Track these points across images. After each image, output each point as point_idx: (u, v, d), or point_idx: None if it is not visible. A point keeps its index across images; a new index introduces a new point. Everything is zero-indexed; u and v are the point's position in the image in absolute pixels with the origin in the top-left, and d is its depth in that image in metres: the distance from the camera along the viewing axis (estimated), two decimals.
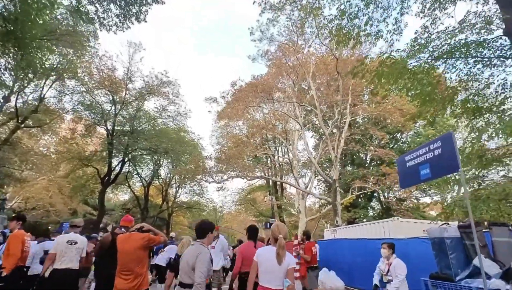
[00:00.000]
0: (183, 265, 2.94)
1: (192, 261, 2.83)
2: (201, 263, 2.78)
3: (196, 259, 2.79)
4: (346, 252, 8.13)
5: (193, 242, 3.07)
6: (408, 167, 3.76)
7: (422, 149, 3.61)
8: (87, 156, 21.07)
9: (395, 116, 23.03)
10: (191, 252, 2.93)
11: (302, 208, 23.60)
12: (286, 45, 21.38)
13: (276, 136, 26.36)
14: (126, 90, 20.79)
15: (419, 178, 3.61)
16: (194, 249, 2.93)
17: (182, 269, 2.93)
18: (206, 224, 3.20)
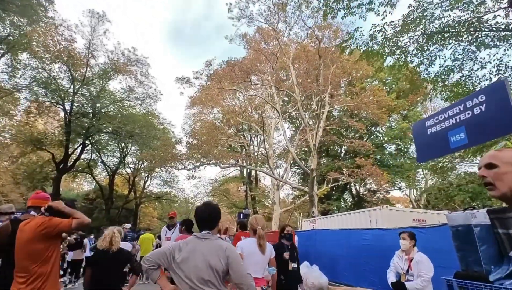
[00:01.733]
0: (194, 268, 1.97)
1: (215, 260, 1.98)
2: (236, 262, 2.04)
3: (227, 258, 2.00)
4: (328, 244, 7.39)
5: (199, 234, 2.13)
6: (431, 135, 2.89)
7: (453, 109, 2.73)
8: (39, 138, 18.70)
9: (372, 107, 22.92)
10: (206, 249, 2.03)
11: (276, 199, 23.01)
12: (266, 29, 20.35)
13: (252, 125, 25.44)
14: (88, 66, 18.61)
15: (447, 147, 2.72)
16: (210, 244, 2.06)
17: (194, 274, 1.96)
18: (214, 208, 2.26)
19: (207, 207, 2.23)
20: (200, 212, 2.18)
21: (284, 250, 3.93)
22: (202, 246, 2.03)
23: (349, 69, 24.16)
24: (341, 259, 6.89)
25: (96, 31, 18.10)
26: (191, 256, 1.99)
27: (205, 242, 2.05)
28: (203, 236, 2.08)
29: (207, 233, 2.10)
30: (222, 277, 2.01)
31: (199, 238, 2.07)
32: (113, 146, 26.61)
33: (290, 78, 22.15)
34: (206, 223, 2.14)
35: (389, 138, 27.70)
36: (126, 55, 19.03)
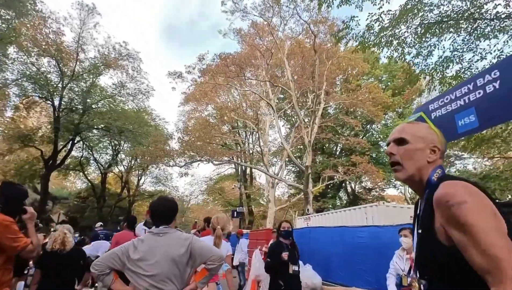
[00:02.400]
0: (154, 265, 1.87)
1: (177, 252, 1.90)
2: (200, 245, 1.99)
3: (189, 246, 1.94)
4: (323, 242, 7.11)
5: (156, 230, 2.03)
6: (435, 119, 2.57)
7: (461, 88, 2.41)
8: (27, 134, 18.14)
9: (368, 105, 22.73)
10: (166, 243, 1.94)
11: (271, 197, 22.75)
12: (261, 24, 20.00)
13: (247, 122, 25.13)
14: (77, 60, 18.08)
15: (454, 132, 2.40)
16: (170, 238, 1.97)
17: (155, 271, 1.86)
18: (171, 202, 2.17)
19: (163, 201, 2.14)
20: (156, 206, 2.09)
21: (283, 249, 3.49)
22: (161, 241, 1.94)
23: (344, 66, 23.96)
24: (335, 257, 6.62)
25: (85, 24, 17.60)
26: (149, 253, 1.89)
27: (163, 237, 1.96)
28: (160, 231, 1.98)
29: (165, 228, 2.00)
30: (185, 270, 1.93)
31: (156, 234, 1.97)
32: (105, 143, 26.12)
33: (285, 74, 21.88)
34: (163, 218, 2.05)
35: (384, 136, 27.58)
36: (117, 49, 18.58)
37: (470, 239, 0.80)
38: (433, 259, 0.93)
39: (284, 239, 3.61)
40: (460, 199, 0.84)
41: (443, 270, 0.90)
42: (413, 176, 1.06)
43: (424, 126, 1.14)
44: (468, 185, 0.90)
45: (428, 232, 0.94)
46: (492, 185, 5.56)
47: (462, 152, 23.77)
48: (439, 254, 0.91)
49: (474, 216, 0.81)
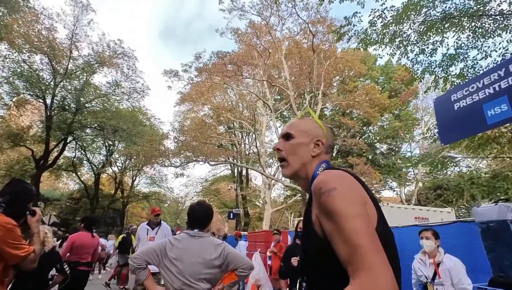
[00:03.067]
0: (189, 265, 2.00)
1: (212, 256, 2.04)
2: (234, 252, 2.17)
3: (223, 251, 2.09)
4: None
5: (191, 232, 2.16)
6: (459, 110, 2.37)
7: (490, 75, 2.21)
8: (17, 133, 17.62)
9: (365, 106, 22.67)
10: (201, 246, 2.09)
11: (268, 198, 22.50)
12: (258, 24, 19.82)
13: (243, 123, 24.88)
14: (70, 58, 17.66)
15: (483, 123, 2.20)
16: (205, 241, 2.12)
17: (189, 271, 1.98)
18: (208, 208, 2.32)
19: (201, 207, 2.25)
20: (195, 211, 2.21)
21: (298, 252, 3.04)
22: (197, 243, 2.07)
23: (342, 67, 23.89)
24: None
25: (79, 21, 17.19)
26: (185, 253, 2.01)
27: (198, 240, 2.09)
28: (195, 234, 2.12)
29: (199, 231, 2.14)
30: (217, 273, 2.05)
31: (192, 236, 2.10)
32: (99, 143, 25.64)
33: (282, 75, 21.72)
34: (200, 222, 2.17)
35: (381, 138, 27.59)
36: (112, 47, 18.19)
37: (336, 227, 0.74)
38: (311, 254, 0.87)
39: None
40: (331, 186, 0.79)
41: (320, 266, 0.83)
42: (298, 172, 1.02)
43: (309, 120, 1.11)
44: (343, 174, 0.86)
45: (308, 226, 0.88)
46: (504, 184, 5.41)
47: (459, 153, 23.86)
48: (315, 248, 0.84)
49: (341, 202, 0.76)
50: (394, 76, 28.52)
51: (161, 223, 4.62)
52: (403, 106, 28.69)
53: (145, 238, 4.40)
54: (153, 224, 4.56)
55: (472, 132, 2.25)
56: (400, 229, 5.27)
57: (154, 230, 4.50)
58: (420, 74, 7.40)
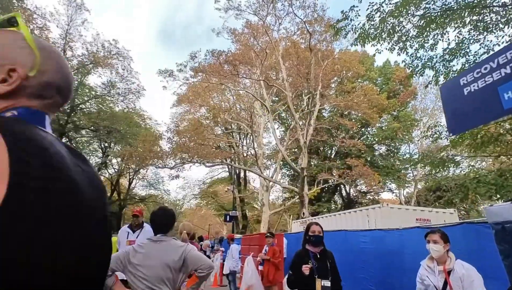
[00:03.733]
0: (151, 269, 2.06)
1: (171, 258, 2.10)
2: (192, 253, 2.19)
3: (182, 253, 2.14)
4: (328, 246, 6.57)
5: (154, 237, 2.24)
6: (469, 95, 2.10)
7: (506, 53, 1.93)
8: None
9: (363, 107, 22.43)
10: (162, 249, 2.15)
11: (266, 201, 22.21)
12: (255, 25, 19.62)
13: (240, 125, 24.63)
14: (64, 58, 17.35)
15: (499, 109, 1.93)
16: (166, 245, 2.17)
17: (151, 274, 2.05)
18: (170, 213, 2.38)
19: (164, 212, 2.32)
20: (157, 216, 2.27)
21: (307, 259, 2.71)
22: (158, 247, 2.14)
23: (339, 68, 23.68)
24: (343, 263, 6.06)
25: (73, 20, 16.92)
26: (147, 257, 2.08)
27: (160, 244, 2.16)
28: (158, 239, 2.19)
29: (162, 236, 2.20)
30: (178, 275, 2.11)
31: (154, 241, 2.18)
32: (95, 145, 25.31)
33: (280, 76, 21.51)
34: (162, 227, 2.24)
35: (380, 139, 27.35)
36: (107, 47, 17.90)
37: None
38: None
39: (314, 247, 2.79)
40: None
41: None
42: None
43: (6, 33, 0.63)
44: None
45: None
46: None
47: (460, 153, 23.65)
48: None
49: None
50: (393, 76, 28.37)
51: (143, 226, 4.22)
52: (402, 107, 28.52)
53: (125, 242, 4.00)
54: (134, 227, 4.19)
55: (486, 119, 1.97)
56: (401, 231, 4.97)
57: (135, 233, 4.11)
58: (420, 69, 7.13)
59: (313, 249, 2.79)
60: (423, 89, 30.88)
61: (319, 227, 2.91)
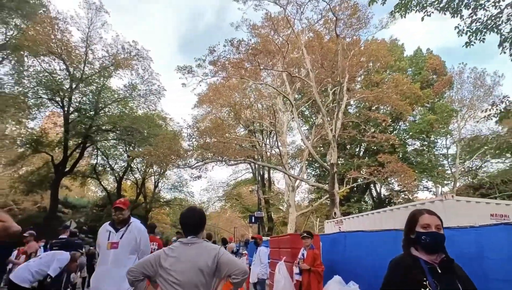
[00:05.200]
0: (182, 273, 1.93)
1: (204, 263, 1.95)
2: (227, 257, 2.06)
3: (215, 257, 1.99)
4: (366, 251, 5.51)
5: (185, 240, 2.08)
6: None
7: None
8: (37, 139, 17.60)
9: (394, 99, 20.69)
10: (194, 253, 2.00)
11: (292, 201, 21.14)
12: (275, 18, 18.74)
13: (263, 125, 23.84)
14: (86, 61, 17.51)
15: None
16: (198, 248, 2.03)
17: (183, 279, 1.92)
18: (200, 214, 2.23)
19: (194, 212, 2.22)
20: (187, 217, 2.16)
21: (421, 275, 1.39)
22: (190, 250, 2.03)
23: (367, 58, 22.08)
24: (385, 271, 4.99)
25: (93, 23, 17.05)
26: (179, 261, 1.99)
27: (192, 247, 2.04)
28: (189, 241, 2.07)
29: (193, 238, 2.08)
30: (211, 280, 1.99)
31: (185, 244, 2.07)
32: (121, 150, 25.64)
33: (303, 71, 20.45)
34: (193, 228, 2.12)
35: (414, 133, 25.26)
36: (127, 48, 17.87)
37: None
38: None
39: (428, 254, 1.50)
40: None
41: None
42: None
43: None
44: None
45: None
46: None
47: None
48: None
49: None
50: (425, 65, 26.27)
51: (128, 223, 3.13)
52: (437, 98, 26.30)
53: (106, 244, 3.02)
54: (117, 224, 3.09)
55: None
56: (478, 229, 3.84)
57: (119, 233, 3.06)
58: (480, 34, 5.86)
59: (428, 257, 1.50)
60: (459, 78, 28.54)
61: (436, 217, 1.59)
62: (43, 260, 4.09)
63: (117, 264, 2.93)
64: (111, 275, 2.91)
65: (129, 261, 2.99)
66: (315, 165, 30.78)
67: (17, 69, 17.79)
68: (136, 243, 3.12)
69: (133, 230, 3.14)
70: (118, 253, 2.98)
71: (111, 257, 2.96)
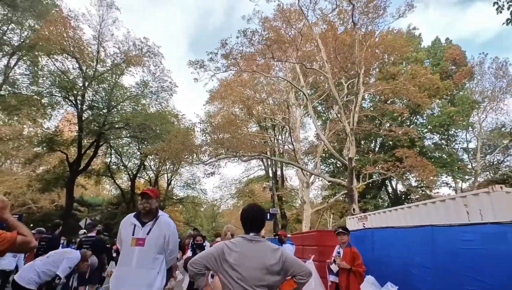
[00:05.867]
0: (249, 270, 1.89)
1: (271, 261, 1.94)
2: (292, 258, 2.06)
3: (281, 257, 1.98)
4: (396, 249, 5.06)
5: (248, 236, 2.03)
6: None
7: None
8: (52, 137, 17.74)
9: (412, 91, 19.80)
10: (259, 250, 1.97)
11: (306, 198, 20.66)
12: (288, 10, 18.22)
13: (275, 121, 23.39)
14: (98, 59, 17.50)
15: None
16: (262, 246, 2.00)
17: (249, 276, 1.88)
18: (261, 211, 2.21)
19: (255, 209, 2.18)
20: (249, 213, 2.13)
21: None
22: (254, 248, 1.98)
23: (383, 49, 21.21)
24: (422, 272, 4.53)
25: (104, 20, 17.00)
26: (244, 258, 1.93)
27: (256, 244, 2.00)
28: (252, 238, 2.03)
29: (255, 235, 2.05)
30: (277, 279, 1.96)
31: (249, 240, 2.02)
32: (134, 148, 25.76)
33: (315, 65, 19.85)
34: (256, 225, 2.10)
35: (433, 126, 24.23)
36: (138, 45, 17.75)
37: None
38: None
39: None
40: None
41: None
42: None
43: None
44: None
45: None
46: None
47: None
48: None
49: None
50: (444, 55, 25.14)
51: (157, 216, 2.69)
52: (458, 90, 25.15)
53: (129, 240, 2.56)
54: (143, 216, 2.66)
55: None
56: None
57: (146, 227, 2.61)
58: None
59: None
60: (479, 69, 27.22)
61: None
62: (50, 259, 3.72)
63: (142, 264, 2.49)
64: (134, 277, 2.47)
65: (156, 261, 2.56)
66: (328, 162, 30.14)
67: (32, 69, 17.96)
68: (164, 240, 2.65)
69: (162, 225, 2.68)
70: (144, 251, 2.53)
71: (136, 256, 2.51)
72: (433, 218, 5.36)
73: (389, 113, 22.84)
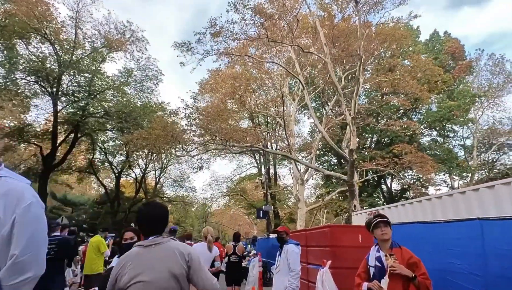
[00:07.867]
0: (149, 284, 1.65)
1: (174, 265, 1.69)
2: (199, 266, 1.81)
3: (187, 261, 1.76)
4: (428, 251, 3.87)
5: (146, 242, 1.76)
6: None
7: None
8: (21, 128, 16.09)
9: (411, 84, 18.92)
10: (160, 255, 1.71)
11: (301, 195, 19.59)
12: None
13: (269, 116, 22.23)
14: (75, 43, 15.94)
15: None
16: (164, 248, 1.74)
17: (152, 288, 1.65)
18: (161, 209, 1.91)
19: (152, 208, 1.85)
20: (144, 215, 1.81)
21: None
22: (153, 253, 1.68)
23: (381, 40, 20.25)
24: (468, 282, 3.36)
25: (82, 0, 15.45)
26: (142, 267, 1.63)
27: (156, 248, 1.70)
28: (152, 242, 1.72)
29: (156, 238, 1.74)
30: (186, 284, 1.71)
31: (147, 247, 1.71)
32: (120, 143, 24.31)
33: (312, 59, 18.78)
34: (155, 226, 1.78)
35: (432, 121, 23.39)
36: (120, 29, 16.25)
37: None
38: None
39: None
40: None
41: None
42: None
43: None
44: None
45: None
46: None
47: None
48: None
49: None
50: (443, 48, 24.36)
51: None
52: (456, 84, 24.41)
53: None
54: None
55: None
56: None
57: None
58: None
59: None
60: (476, 65, 26.65)
61: None
62: None
63: None
64: None
65: None
66: (322, 159, 29.19)
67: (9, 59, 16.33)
68: None
69: None
70: None
71: None
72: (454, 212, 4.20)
73: (387, 108, 21.93)
